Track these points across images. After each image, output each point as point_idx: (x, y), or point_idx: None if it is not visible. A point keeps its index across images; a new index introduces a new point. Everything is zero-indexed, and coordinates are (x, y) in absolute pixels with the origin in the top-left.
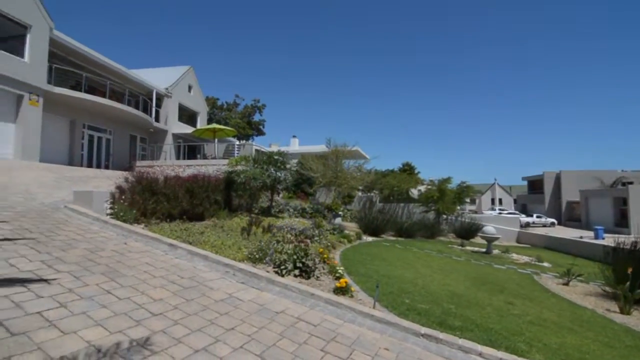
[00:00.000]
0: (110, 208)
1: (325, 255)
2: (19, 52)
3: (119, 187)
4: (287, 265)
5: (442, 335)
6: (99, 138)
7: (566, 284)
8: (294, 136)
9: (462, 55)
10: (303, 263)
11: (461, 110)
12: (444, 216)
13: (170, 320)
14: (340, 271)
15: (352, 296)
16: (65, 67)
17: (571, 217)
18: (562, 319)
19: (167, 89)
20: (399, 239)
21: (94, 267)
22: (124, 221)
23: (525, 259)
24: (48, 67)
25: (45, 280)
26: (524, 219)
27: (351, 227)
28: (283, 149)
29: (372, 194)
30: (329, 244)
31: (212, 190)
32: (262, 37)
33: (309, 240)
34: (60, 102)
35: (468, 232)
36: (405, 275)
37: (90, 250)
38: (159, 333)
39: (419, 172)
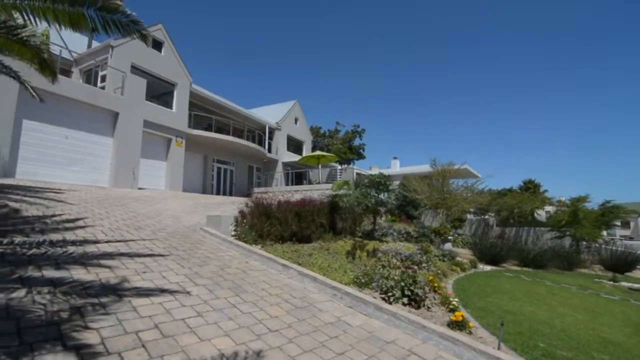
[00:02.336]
0: (234, 230)
1: (435, 284)
2: (169, 105)
3: (240, 212)
4: (395, 292)
5: None
6: (225, 169)
7: None
8: (395, 158)
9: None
10: (412, 291)
11: (602, 116)
12: (584, 243)
13: (285, 338)
14: (454, 303)
15: (470, 332)
16: (200, 113)
17: None
18: None
19: (277, 123)
20: (525, 269)
21: (222, 282)
22: (245, 242)
23: None
24: (188, 114)
25: (187, 292)
26: None
27: (463, 254)
28: (384, 171)
29: (487, 217)
30: (438, 271)
31: (317, 213)
32: (361, 63)
33: (416, 267)
34: (196, 142)
35: (622, 263)
36: (538, 313)
37: (220, 267)
38: (275, 349)
39: (545, 191)
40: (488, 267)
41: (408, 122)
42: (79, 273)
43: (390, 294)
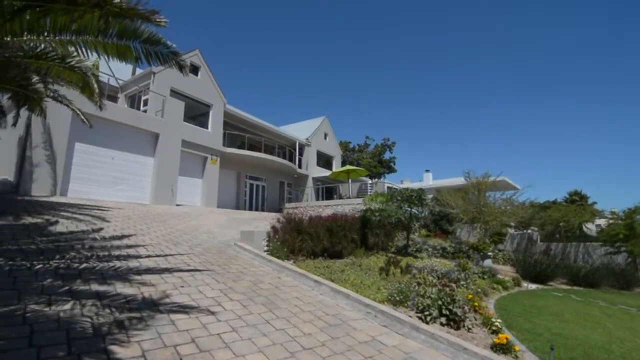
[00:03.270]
0: (267, 245)
1: (476, 303)
2: (205, 125)
3: (272, 227)
4: (432, 311)
5: None
6: (257, 185)
7: None
8: (427, 170)
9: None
10: (450, 310)
11: None
12: None
13: (319, 356)
14: (497, 324)
15: (516, 357)
16: (233, 131)
17: None
18: None
19: (307, 139)
20: (575, 288)
21: (256, 298)
22: (277, 257)
23: None
24: (222, 133)
25: (222, 307)
26: None
27: (505, 271)
28: (415, 184)
29: (529, 231)
30: (478, 290)
31: (349, 229)
32: (389, 78)
33: (454, 285)
34: (230, 159)
35: None
36: (592, 337)
37: (253, 282)
38: None
39: (594, 203)
40: (533, 286)
41: (440, 135)
42: (122, 287)
43: (427, 313)
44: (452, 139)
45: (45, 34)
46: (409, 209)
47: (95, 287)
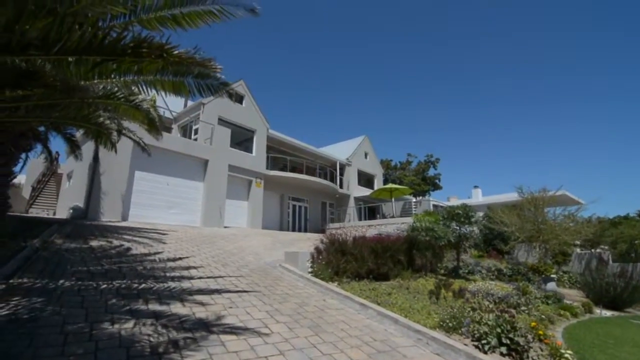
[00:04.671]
0: (311, 267)
1: (540, 332)
2: (249, 150)
3: (316, 248)
4: (490, 339)
5: None
6: (299, 207)
7: None
8: (476, 187)
9: None
10: (511, 339)
11: None
12: None
13: None
14: (567, 356)
15: None
16: (276, 155)
17: None
18: None
19: (347, 159)
20: None
21: (302, 320)
22: (322, 279)
23: None
24: (266, 157)
25: (269, 329)
26: None
27: (572, 296)
28: (464, 201)
29: (599, 250)
30: (542, 316)
31: (394, 249)
32: (430, 93)
33: (513, 310)
34: (273, 181)
35: None
36: None
37: (299, 304)
38: None
39: None
40: (608, 313)
41: (489, 151)
42: (176, 307)
43: (484, 341)
44: (504, 154)
45: (112, 76)
46: (458, 228)
47: (152, 306)
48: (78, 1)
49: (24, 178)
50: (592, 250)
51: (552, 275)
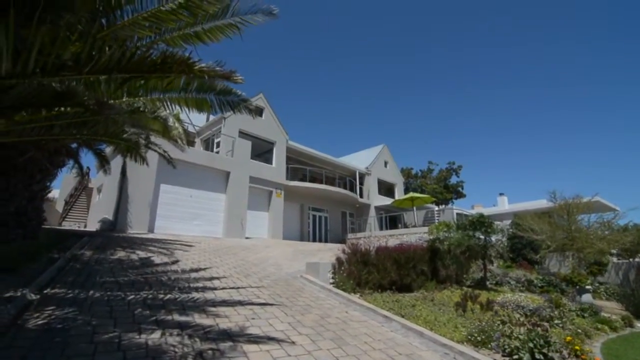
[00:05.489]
0: (332, 278)
1: (577, 347)
2: (269, 161)
3: (337, 259)
4: (522, 354)
5: None
6: (320, 216)
7: None
8: (501, 194)
9: None
10: (544, 355)
11: None
12: None
13: None
14: None
15: None
16: (295, 165)
17: None
18: None
19: (367, 168)
20: None
21: (324, 332)
22: (344, 290)
23: None
24: (285, 168)
25: (292, 341)
26: None
27: (610, 308)
28: (489, 209)
29: (638, 260)
30: (578, 330)
31: (417, 260)
32: (460, 100)
33: (546, 324)
34: (293, 192)
35: None
36: None
37: (321, 316)
38: None
39: None
40: None
41: (515, 158)
42: (201, 317)
43: (515, 356)
44: (532, 161)
45: (140, 94)
46: (483, 237)
47: (177, 317)
48: (108, 26)
49: (57, 192)
50: (630, 259)
51: (587, 287)
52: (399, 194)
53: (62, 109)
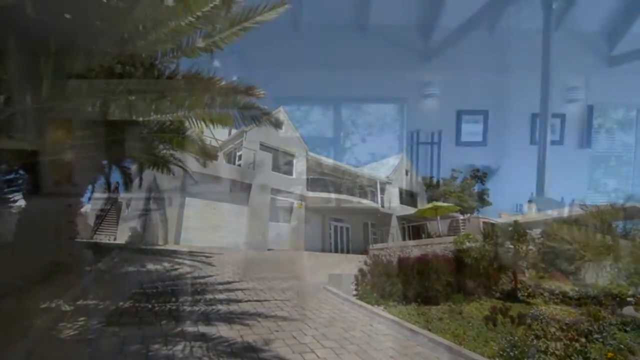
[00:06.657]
0: (355, 289)
1: None
2: (289, 173)
3: (360, 270)
4: None
5: None
6: (341, 227)
7: None
8: (530, 201)
9: None
10: None
11: None
12: None
13: None
14: None
15: None
16: (315, 176)
17: None
18: None
19: (387, 177)
20: None
21: (348, 346)
22: (367, 302)
23: None
24: (306, 179)
25: (315, 354)
26: None
27: None
28: (517, 217)
29: None
30: (621, 345)
31: (442, 271)
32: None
33: (584, 339)
34: (314, 203)
35: None
36: None
37: (344, 329)
38: None
39: None
40: None
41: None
42: (224, 329)
43: None
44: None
45: (167, 112)
46: (512, 247)
47: (202, 328)
48: (134, 44)
49: (89, 207)
50: None
51: (629, 299)
52: (422, 203)
53: (96, 130)
